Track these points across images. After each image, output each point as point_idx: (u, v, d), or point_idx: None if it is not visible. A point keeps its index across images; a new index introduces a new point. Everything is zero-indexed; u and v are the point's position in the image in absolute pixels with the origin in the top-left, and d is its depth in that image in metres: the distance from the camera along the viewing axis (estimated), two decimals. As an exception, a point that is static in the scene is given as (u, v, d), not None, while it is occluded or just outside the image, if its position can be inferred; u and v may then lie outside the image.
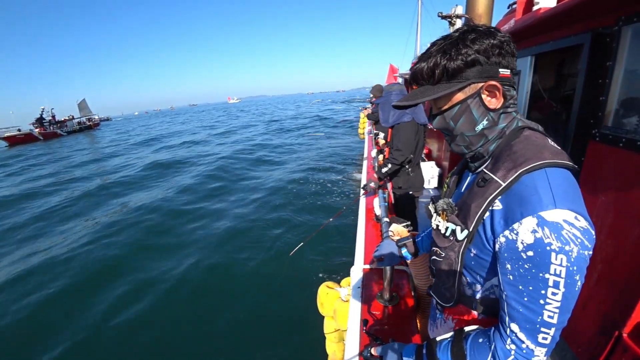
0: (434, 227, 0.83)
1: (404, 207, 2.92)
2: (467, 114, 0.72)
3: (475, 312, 0.82)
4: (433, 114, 0.79)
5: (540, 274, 0.60)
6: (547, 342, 0.64)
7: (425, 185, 4.45)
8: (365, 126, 10.48)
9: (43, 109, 44.24)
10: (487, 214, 0.69)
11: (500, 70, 0.69)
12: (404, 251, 1.23)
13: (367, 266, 2.07)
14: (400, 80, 10.97)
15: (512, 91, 0.72)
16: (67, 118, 49.73)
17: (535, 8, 1.96)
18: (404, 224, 1.98)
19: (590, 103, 1.56)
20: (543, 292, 0.61)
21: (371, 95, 4.86)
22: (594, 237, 0.61)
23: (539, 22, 1.85)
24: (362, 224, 2.79)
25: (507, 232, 0.64)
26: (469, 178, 0.83)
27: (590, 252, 0.61)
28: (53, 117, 46.02)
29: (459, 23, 3.83)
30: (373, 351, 0.95)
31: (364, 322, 1.26)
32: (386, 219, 2.04)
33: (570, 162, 0.66)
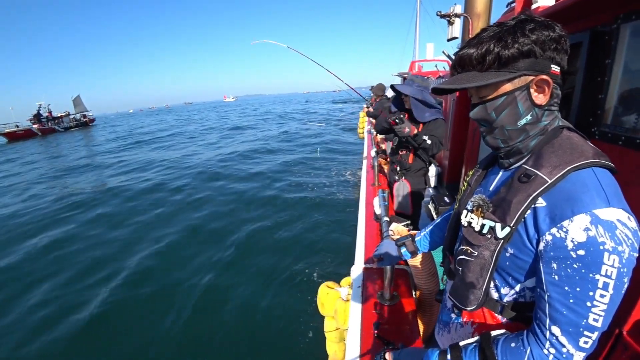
0: (465, 224, 0.79)
1: (416, 204, 2.94)
2: (512, 106, 0.69)
3: (499, 317, 0.79)
4: (473, 103, 0.75)
5: (590, 275, 0.58)
6: (588, 346, 0.61)
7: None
8: (364, 125, 10.47)
9: (40, 105, 44.26)
10: (529, 211, 0.66)
11: (552, 65, 0.66)
12: (403, 250, 1.21)
13: (368, 265, 2.07)
14: (398, 79, 10.98)
15: (558, 89, 0.70)
16: (63, 114, 49.70)
17: (533, 6, 1.96)
18: (404, 223, 1.98)
19: (589, 101, 1.56)
20: (591, 293, 0.58)
21: (371, 94, 4.87)
22: None
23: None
24: (362, 223, 2.80)
25: (554, 230, 0.61)
26: (499, 175, 0.79)
27: (637, 255, 0.59)
28: (50, 113, 46.00)
29: (457, 22, 3.83)
30: (387, 357, 0.90)
31: (376, 325, 1.24)
32: (386, 219, 2.04)
33: (612, 164, 0.65)
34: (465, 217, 0.80)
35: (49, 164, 15.82)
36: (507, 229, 0.68)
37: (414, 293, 1.78)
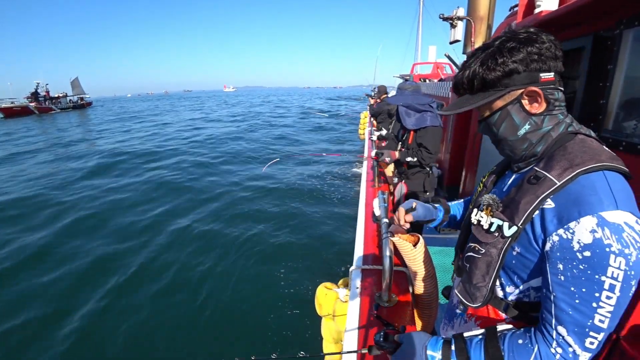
0: (475, 222, 0.81)
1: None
2: (508, 119, 0.74)
3: (503, 315, 0.81)
4: (478, 120, 0.81)
5: (596, 276, 0.58)
6: (594, 347, 0.62)
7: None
8: (365, 126, 10.48)
9: (38, 83, 44.42)
10: (537, 212, 0.67)
11: (541, 75, 0.69)
12: (438, 205, 1.14)
13: (366, 266, 2.07)
14: (400, 80, 11.00)
15: (556, 94, 0.72)
16: (60, 95, 49.97)
17: (536, 11, 1.96)
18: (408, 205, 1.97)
19: (591, 106, 1.57)
20: (597, 294, 0.59)
21: (372, 93, 4.89)
22: None
23: (540, 25, 1.85)
24: (361, 224, 2.79)
25: (561, 231, 0.62)
26: (512, 177, 0.82)
27: None
28: (47, 92, 46.29)
29: (460, 25, 3.84)
30: (395, 337, 0.87)
31: (375, 306, 1.20)
32: (385, 220, 2.04)
33: (626, 168, 0.66)
34: (475, 215, 0.82)
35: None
36: (515, 228, 0.70)
37: (412, 295, 1.78)
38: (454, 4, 3.93)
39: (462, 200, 1.23)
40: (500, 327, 0.75)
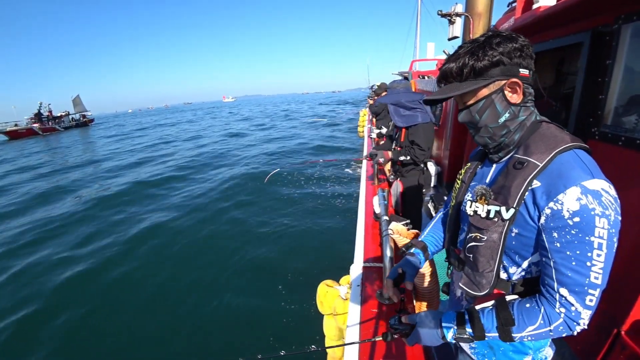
0: (471, 213, 0.86)
1: (412, 204, 2.95)
2: (492, 107, 0.81)
3: (510, 297, 0.85)
4: (460, 109, 0.87)
5: (587, 237, 0.67)
6: (593, 304, 0.70)
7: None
8: (365, 124, 10.47)
9: (41, 103, 44.26)
10: (528, 192, 0.75)
11: (520, 70, 0.78)
12: (413, 250, 1.13)
13: (367, 264, 2.07)
14: (399, 78, 10.98)
15: (530, 89, 0.81)
16: (63, 114, 49.70)
17: (534, 6, 1.95)
18: (404, 222, 1.98)
19: (590, 101, 1.56)
20: (589, 254, 0.68)
21: (372, 93, 4.89)
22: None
23: (539, 21, 1.85)
24: (361, 222, 2.80)
25: (551, 204, 0.70)
26: (492, 168, 0.89)
27: (620, 218, 0.69)
28: (50, 112, 45.99)
29: (458, 21, 3.82)
30: (403, 319, 0.93)
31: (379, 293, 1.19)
32: (385, 217, 2.04)
33: (587, 146, 0.77)
34: (470, 207, 0.87)
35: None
36: (512, 210, 0.77)
37: (413, 291, 1.78)
38: (452, 0, 3.91)
39: (431, 222, 1.21)
40: (508, 297, 0.82)
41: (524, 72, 0.78)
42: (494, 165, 0.89)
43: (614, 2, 1.40)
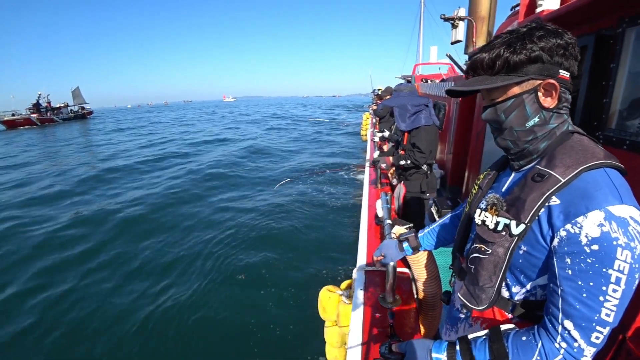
0: (479, 222, 0.80)
1: (414, 209, 2.95)
2: (520, 108, 0.72)
3: (509, 316, 0.80)
4: (484, 105, 0.79)
5: (604, 269, 0.59)
6: (599, 342, 0.62)
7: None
8: (368, 127, 10.47)
9: (40, 94, 44.44)
10: (543, 209, 0.67)
11: (560, 71, 0.69)
12: (405, 245, 1.19)
13: (369, 268, 2.06)
14: (403, 81, 10.99)
15: (567, 94, 0.72)
16: (62, 105, 49.81)
17: (538, 10, 1.96)
18: (407, 226, 1.97)
19: (594, 105, 1.56)
20: (604, 288, 0.59)
21: (374, 97, 4.90)
22: None
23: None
24: (364, 226, 2.79)
25: (568, 226, 0.62)
26: (511, 176, 0.81)
27: None
28: (49, 103, 46.18)
29: (461, 25, 3.83)
30: (394, 347, 0.90)
31: (390, 315, 1.23)
32: (389, 221, 2.03)
33: (622, 165, 0.67)
34: (479, 215, 0.81)
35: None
36: (522, 226, 0.69)
37: (415, 296, 1.77)
38: (455, 5, 3.93)
39: (437, 222, 1.22)
40: (503, 327, 0.75)
41: (564, 74, 0.69)
42: (513, 174, 0.81)
43: (618, 6, 1.40)
